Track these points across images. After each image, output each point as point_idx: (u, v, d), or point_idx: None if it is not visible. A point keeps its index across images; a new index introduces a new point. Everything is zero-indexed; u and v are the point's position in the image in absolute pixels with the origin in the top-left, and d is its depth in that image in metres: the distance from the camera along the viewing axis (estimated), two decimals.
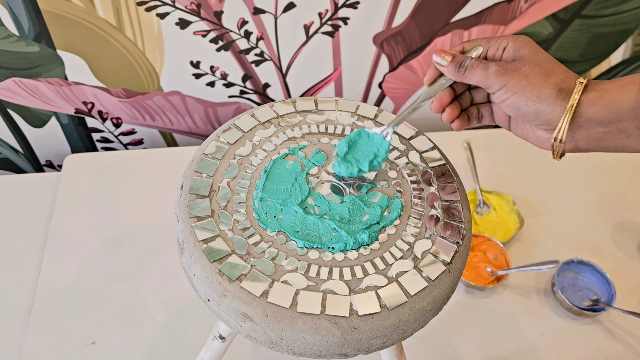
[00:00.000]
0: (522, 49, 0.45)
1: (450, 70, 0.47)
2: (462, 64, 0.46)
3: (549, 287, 0.86)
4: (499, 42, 0.47)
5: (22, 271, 0.84)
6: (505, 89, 0.44)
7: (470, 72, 0.46)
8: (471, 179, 0.99)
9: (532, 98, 0.43)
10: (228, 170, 0.51)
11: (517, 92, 0.43)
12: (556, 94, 0.42)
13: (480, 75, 0.45)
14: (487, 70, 0.45)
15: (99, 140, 1.07)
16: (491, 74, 0.44)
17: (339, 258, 0.46)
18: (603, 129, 0.42)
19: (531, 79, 0.43)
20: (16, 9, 0.80)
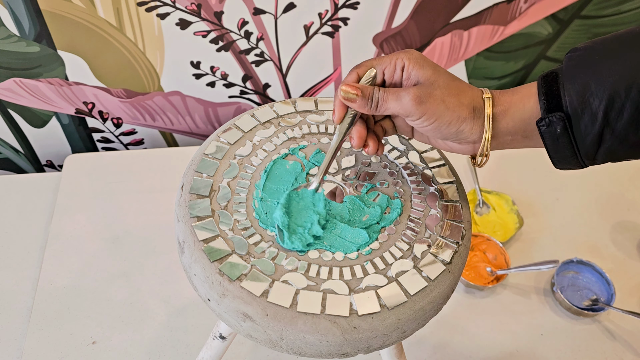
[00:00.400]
0: (423, 68, 0.45)
1: (361, 105, 0.46)
2: (372, 97, 0.46)
3: (549, 287, 0.86)
4: (393, 62, 0.46)
5: (22, 271, 0.84)
6: (426, 117, 0.44)
7: (384, 105, 0.45)
8: (471, 179, 0.99)
9: (453, 121, 0.44)
10: (228, 170, 0.51)
11: (438, 119, 0.44)
12: (472, 114, 0.44)
13: (395, 107, 0.45)
14: (401, 100, 0.44)
15: (99, 141, 1.07)
16: (407, 104, 0.44)
17: (338, 258, 0.46)
18: (511, 137, 0.45)
19: (448, 103, 0.44)
20: (17, 9, 0.80)
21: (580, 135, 0.41)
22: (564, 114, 0.40)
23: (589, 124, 0.40)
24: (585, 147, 0.41)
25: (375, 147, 0.49)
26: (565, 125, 0.41)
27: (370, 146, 0.49)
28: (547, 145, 0.43)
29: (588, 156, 0.42)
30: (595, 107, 0.39)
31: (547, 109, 0.41)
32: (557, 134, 0.41)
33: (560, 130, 0.41)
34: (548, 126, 0.41)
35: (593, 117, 0.39)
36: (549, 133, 0.42)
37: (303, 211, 0.48)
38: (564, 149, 0.42)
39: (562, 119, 0.40)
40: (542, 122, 0.42)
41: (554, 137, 0.42)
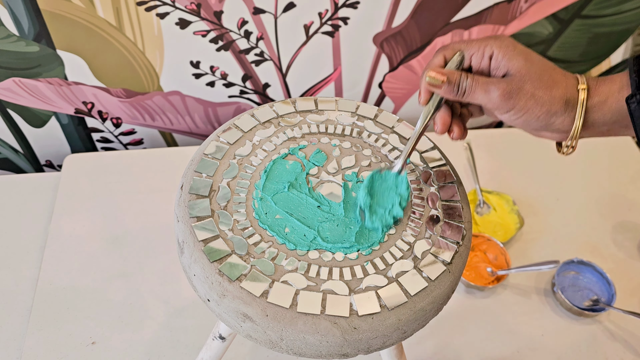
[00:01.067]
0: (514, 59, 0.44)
1: (447, 92, 0.45)
2: (460, 85, 0.45)
3: (549, 287, 0.86)
4: (482, 49, 0.45)
5: (22, 271, 0.84)
6: (515, 112, 0.44)
7: (471, 95, 0.45)
8: (471, 179, 0.99)
9: (542, 116, 0.44)
10: (228, 170, 0.51)
11: (526, 113, 0.44)
12: (564, 107, 0.43)
13: (482, 98, 0.44)
14: (490, 94, 0.44)
15: (98, 140, 1.07)
16: (495, 98, 0.44)
17: (338, 258, 0.46)
18: (607, 127, 0.44)
19: (538, 97, 0.43)
20: (16, 9, 0.80)
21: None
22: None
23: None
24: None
25: (460, 133, 0.48)
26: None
27: (455, 132, 0.48)
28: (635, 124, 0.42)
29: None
30: None
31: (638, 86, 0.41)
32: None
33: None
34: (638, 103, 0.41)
35: None
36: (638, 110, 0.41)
37: (385, 192, 0.49)
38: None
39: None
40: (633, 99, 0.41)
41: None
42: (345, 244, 0.47)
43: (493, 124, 1.19)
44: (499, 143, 1.08)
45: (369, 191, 0.49)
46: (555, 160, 1.06)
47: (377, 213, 0.48)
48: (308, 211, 0.49)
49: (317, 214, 0.49)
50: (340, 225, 0.48)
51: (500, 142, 1.09)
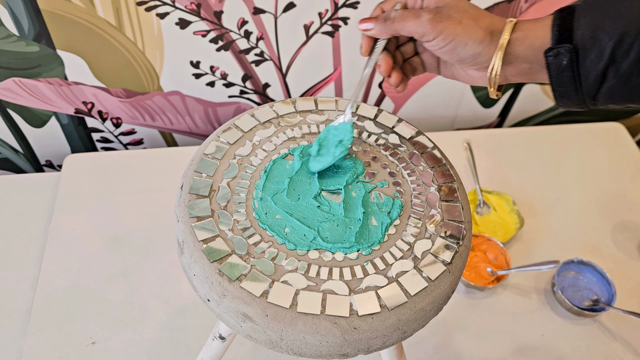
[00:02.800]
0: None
1: (379, 28, 0.48)
2: (388, 16, 0.47)
3: (549, 287, 0.86)
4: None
5: (22, 271, 0.84)
6: (443, 37, 0.45)
7: (400, 23, 0.47)
8: (471, 179, 0.99)
9: (470, 42, 0.45)
10: (228, 170, 0.51)
11: (454, 39, 0.45)
12: (490, 37, 0.45)
13: (412, 25, 0.46)
14: (420, 18, 0.46)
15: (98, 140, 1.07)
16: (425, 22, 0.45)
17: (338, 258, 0.46)
18: (528, 65, 0.45)
19: (465, 24, 0.45)
20: (16, 9, 0.80)
21: (585, 69, 0.41)
22: (573, 46, 0.40)
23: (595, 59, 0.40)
24: (587, 84, 0.41)
25: (398, 78, 0.51)
26: (571, 58, 0.41)
27: (394, 77, 0.51)
28: (550, 77, 0.43)
29: (589, 94, 0.42)
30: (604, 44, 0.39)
31: (557, 40, 0.41)
32: (563, 66, 0.41)
33: (566, 62, 0.41)
34: (555, 57, 0.42)
35: (600, 53, 0.39)
36: (554, 64, 0.42)
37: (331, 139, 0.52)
38: (567, 84, 0.42)
39: (569, 51, 0.41)
40: (550, 53, 0.42)
41: (559, 70, 0.42)
42: (345, 244, 0.47)
43: (493, 124, 1.19)
44: (499, 143, 1.08)
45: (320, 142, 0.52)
46: (555, 160, 1.06)
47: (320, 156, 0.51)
48: (308, 211, 0.49)
49: (317, 214, 0.49)
50: (340, 225, 0.48)
51: (500, 142, 1.09)
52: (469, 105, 1.12)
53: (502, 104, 1.14)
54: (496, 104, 1.13)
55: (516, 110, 1.16)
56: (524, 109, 1.16)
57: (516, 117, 1.18)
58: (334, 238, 0.47)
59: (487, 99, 1.12)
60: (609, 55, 0.39)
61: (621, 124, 1.14)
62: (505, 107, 1.15)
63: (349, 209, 0.49)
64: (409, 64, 0.53)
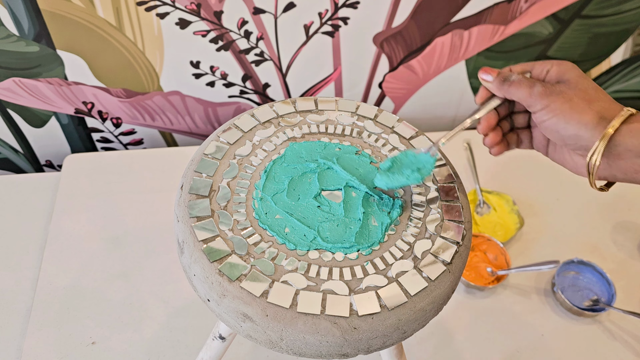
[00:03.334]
0: (568, 72, 0.45)
1: (495, 85, 0.48)
2: (507, 78, 0.47)
3: (549, 287, 0.86)
4: (543, 66, 0.47)
5: (22, 271, 0.84)
6: (547, 110, 0.44)
7: (515, 88, 0.46)
8: (471, 179, 0.99)
9: (572, 122, 0.43)
10: (228, 170, 0.51)
11: (558, 115, 0.44)
12: (597, 121, 0.42)
13: (524, 93, 0.45)
14: (532, 88, 0.45)
15: (98, 140, 1.07)
16: (535, 93, 0.45)
17: (338, 258, 0.46)
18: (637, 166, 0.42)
19: (574, 103, 0.43)
20: (16, 9, 0.80)
21: None
22: None
23: None
24: None
25: (494, 139, 0.50)
26: None
27: (491, 136, 0.50)
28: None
29: None
30: None
31: None
32: None
33: None
34: None
35: None
36: None
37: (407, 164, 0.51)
38: None
39: None
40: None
41: None
42: (345, 244, 0.47)
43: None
44: None
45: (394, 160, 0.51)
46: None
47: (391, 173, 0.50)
48: (308, 211, 0.49)
49: (317, 214, 0.49)
50: (340, 225, 0.48)
51: None
52: (469, 105, 1.12)
53: None
54: None
55: None
56: None
57: None
58: (334, 238, 0.47)
59: None
60: None
61: None
62: None
63: (349, 209, 0.49)
64: (516, 135, 0.52)
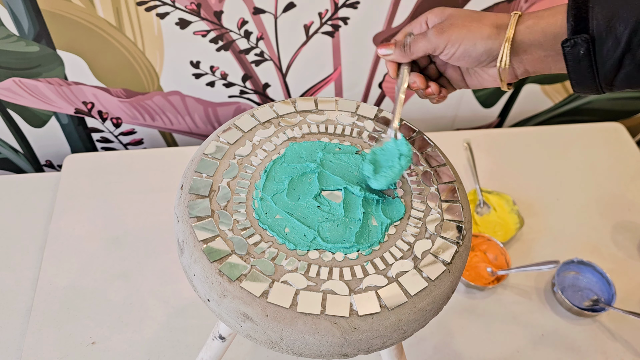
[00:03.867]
0: (444, 11, 0.49)
1: (398, 54, 0.51)
2: (405, 43, 0.50)
3: (549, 287, 0.86)
4: (420, 20, 0.51)
5: (22, 271, 0.84)
6: (451, 43, 0.47)
7: (414, 46, 0.49)
8: (471, 179, 0.99)
9: (478, 40, 0.46)
10: (228, 170, 0.51)
11: (462, 41, 0.47)
12: (497, 30, 0.46)
13: (424, 44, 0.49)
14: (427, 36, 0.48)
15: (98, 140, 1.07)
16: (432, 37, 0.48)
17: (338, 258, 0.46)
18: (544, 52, 0.46)
19: (469, 26, 0.47)
20: (16, 9, 0.80)
21: (601, 58, 0.42)
22: (589, 36, 0.41)
23: (611, 48, 0.41)
24: (604, 71, 0.42)
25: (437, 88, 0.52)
26: (588, 48, 0.42)
27: (432, 86, 0.52)
28: (568, 67, 0.44)
29: (606, 80, 0.43)
30: (620, 32, 0.40)
31: (573, 30, 0.42)
32: (580, 56, 0.42)
33: (584, 52, 0.42)
34: (572, 47, 0.42)
35: (616, 41, 0.41)
36: (572, 55, 0.43)
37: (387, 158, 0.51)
38: (585, 72, 0.43)
39: (586, 41, 0.42)
40: (567, 43, 0.43)
41: (576, 59, 0.43)
42: (345, 244, 0.47)
43: (493, 124, 1.19)
44: (499, 143, 1.08)
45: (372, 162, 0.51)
46: (555, 160, 1.06)
47: (380, 172, 0.50)
48: (308, 211, 0.49)
49: (317, 214, 0.49)
50: (340, 225, 0.48)
51: (500, 142, 1.09)
52: (469, 105, 1.12)
53: (502, 104, 1.14)
54: (496, 104, 1.13)
55: (516, 110, 1.16)
56: (524, 109, 1.16)
57: (516, 117, 1.18)
58: (334, 238, 0.47)
59: (487, 99, 1.12)
60: (625, 43, 0.40)
61: (621, 124, 1.14)
62: (505, 107, 1.15)
63: (349, 209, 0.49)
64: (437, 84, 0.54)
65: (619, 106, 1.18)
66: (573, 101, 1.16)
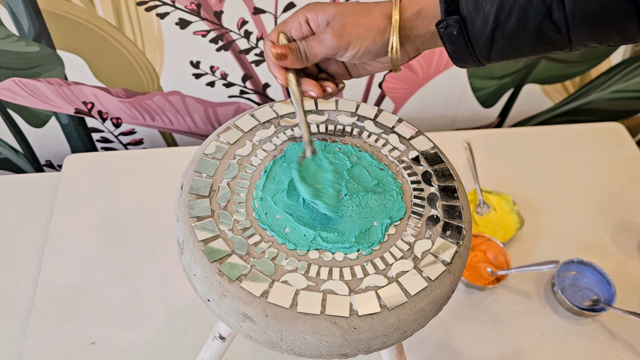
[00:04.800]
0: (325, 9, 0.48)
1: (293, 61, 0.49)
2: (299, 49, 0.48)
3: (549, 287, 0.86)
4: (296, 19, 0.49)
5: (22, 271, 0.84)
6: (352, 45, 0.47)
7: (311, 52, 0.48)
8: (471, 179, 0.99)
9: (376, 37, 0.47)
10: (228, 170, 0.51)
11: (362, 41, 0.47)
12: (387, 21, 0.47)
13: (322, 49, 0.48)
14: (323, 42, 0.47)
15: (98, 140, 1.07)
16: (330, 42, 0.47)
17: (338, 258, 0.46)
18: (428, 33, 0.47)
19: (363, 24, 0.46)
20: (16, 9, 0.80)
21: (474, 36, 0.44)
22: (460, 17, 0.44)
23: (481, 26, 0.43)
24: (479, 47, 0.44)
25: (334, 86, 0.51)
26: (460, 28, 0.44)
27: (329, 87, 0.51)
28: (445, 46, 0.46)
29: (482, 55, 0.45)
30: (487, 11, 0.42)
31: (446, 12, 0.44)
32: (454, 35, 0.44)
33: (457, 32, 0.44)
34: (446, 28, 0.44)
35: (485, 19, 0.43)
36: (446, 35, 0.45)
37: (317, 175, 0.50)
38: (461, 49, 0.45)
39: (458, 22, 0.44)
40: (441, 25, 0.45)
41: (451, 39, 0.45)
42: (345, 244, 0.47)
43: (493, 124, 1.19)
44: (499, 143, 1.08)
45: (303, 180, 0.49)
46: (555, 160, 1.06)
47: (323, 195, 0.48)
48: (308, 211, 0.49)
49: (317, 214, 0.49)
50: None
51: (500, 142, 1.09)
52: (469, 105, 1.12)
53: (502, 104, 1.14)
54: (496, 104, 1.13)
55: (516, 110, 1.16)
56: (524, 109, 1.16)
57: (516, 117, 1.18)
58: (334, 238, 0.47)
59: (487, 99, 1.12)
60: (493, 21, 0.42)
61: (621, 124, 1.14)
62: (505, 107, 1.15)
63: None
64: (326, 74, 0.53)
65: (619, 106, 1.18)
66: (573, 101, 1.16)
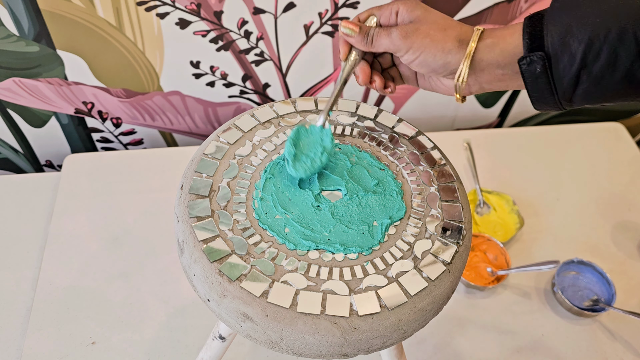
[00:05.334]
0: (415, 10, 0.48)
1: (359, 41, 0.49)
2: (368, 33, 0.49)
3: (549, 287, 0.86)
4: (390, 8, 0.49)
5: (22, 271, 0.84)
6: (413, 50, 0.47)
7: (377, 41, 0.49)
8: (471, 179, 0.99)
9: (438, 53, 0.46)
10: (228, 170, 0.51)
11: (424, 51, 0.47)
12: (458, 45, 0.46)
13: (386, 42, 0.48)
14: (391, 36, 0.48)
15: (98, 140, 1.07)
16: (395, 39, 0.47)
17: (339, 258, 0.46)
18: (502, 70, 0.46)
19: (432, 36, 0.46)
20: (16, 9, 0.80)
21: (558, 75, 0.42)
22: (545, 54, 0.42)
23: (567, 65, 0.41)
24: (562, 88, 0.42)
25: (382, 82, 0.51)
26: (544, 65, 0.42)
27: (377, 81, 0.51)
28: (526, 84, 0.44)
29: (565, 97, 0.43)
30: (575, 49, 0.40)
31: (529, 48, 0.43)
32: (537, 73, 0.43)
33: (540, 69, 0.42)
34: (529, 65, 0.43)
35: (571, 58, 0.41)
36: (529, 72, 0.43)
37: (310, 145, 0.50)
38: (543, 89, 0.43)
39: (542, 59, 0.42)
40: (524, 61, 0.43)
41: (533, 76, 0.43)
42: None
43: (493, 124, 1.19)
44: (499, 143, 1.08)
45: (294, 143, 0.50)
46: (555, 160, 1.06)
47: (300, 161, 0.50)
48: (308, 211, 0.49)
49: (317, 214, 0.49)
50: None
51: (500, 142, 1.09)
52: (469, 105, 1.12)
53: (502, 104, 1.14)
54: (496, 104, 1.13)
55: (516, 110, 1.16)
56: (524, 109, 1.16)
57: (516, 117, 1.18)
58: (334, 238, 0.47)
59: (487, 99, 1.12)
60: (580, 60, 0.40)
61: (621, 124, 1.14)
62: (505, 107, 1.15)
63: None
64: (387, 74, 0.54)
65: (619, 106, 1.18)
66: None
